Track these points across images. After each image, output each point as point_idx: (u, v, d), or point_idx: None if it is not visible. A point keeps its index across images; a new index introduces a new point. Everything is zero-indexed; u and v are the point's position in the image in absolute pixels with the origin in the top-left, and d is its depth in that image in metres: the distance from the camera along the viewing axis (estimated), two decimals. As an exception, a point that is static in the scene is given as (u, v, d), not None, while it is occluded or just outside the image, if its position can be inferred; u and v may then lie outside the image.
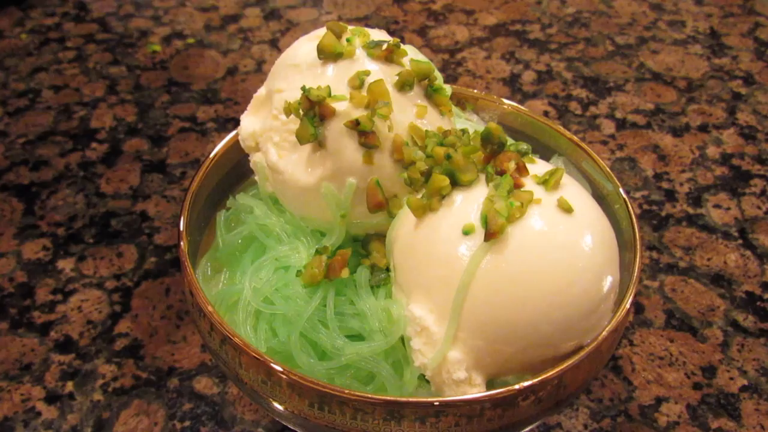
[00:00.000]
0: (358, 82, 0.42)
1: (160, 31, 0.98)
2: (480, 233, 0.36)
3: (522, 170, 0.39)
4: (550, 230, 0.36)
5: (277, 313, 0.41)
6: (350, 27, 0.46)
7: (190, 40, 0.97)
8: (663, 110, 0.85)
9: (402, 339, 0.40)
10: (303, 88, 0.41)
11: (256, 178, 0.47)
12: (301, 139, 0.42)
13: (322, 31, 0.46)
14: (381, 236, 0.43)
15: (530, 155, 0.41)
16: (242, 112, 0.48)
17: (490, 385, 0.39)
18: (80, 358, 0.57)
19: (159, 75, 0.90)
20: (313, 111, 0.41)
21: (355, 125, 0.40)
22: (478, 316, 0.36)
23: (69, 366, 0.57)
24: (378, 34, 0.47)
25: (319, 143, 0.42)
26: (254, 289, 0.42)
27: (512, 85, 0.89)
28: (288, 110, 0.42)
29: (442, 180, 0.38)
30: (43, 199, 0.72)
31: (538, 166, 0.41)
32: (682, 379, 0.57)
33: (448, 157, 0.38)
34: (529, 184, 0.38)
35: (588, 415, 0.54)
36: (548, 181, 0.38)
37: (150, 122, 0.82)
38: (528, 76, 0.91)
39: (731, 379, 0.57)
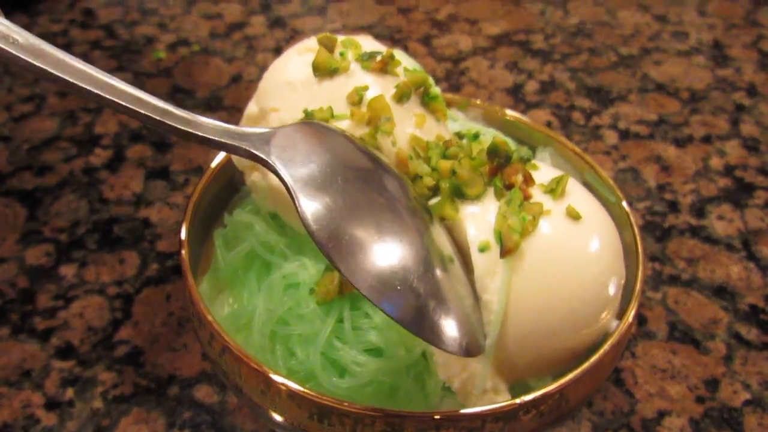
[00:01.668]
0: (357, 98, 0.42)
1: (165, 39, 0.99)
2: (496, 250, 0.36)
3: (529, 181, 0.39)
4: (563, 239, 0.38)
5: (294, 333, 0.41)
6: (340, 38, 0.46)
7: (195, 48, 0.97)
8: (666, 121, 0.85)
9: (423, 352, 0.40)
10: (305, 112, 0.41)
11: (254, 196, 0.47)
12: None
13: (309, 43, 0.46)
14: None
15: (532, 161, 0.42)
16: (246, 120, 0.48)
17: (511, 389, 0.39)
18: (81, 364, 0.57)
19: (163, 82, 0.90)
20: None
21: None
22: (502, 329, 0.37)
23: (69, 373, 0.56)
24: (367, 42, 0.47)
25: None
26: (268, 311, 0.42)
27: (515, 94, 0.89)
28: None
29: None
30: (47, 204, 0.72)
31: (542, 173, 0.41)
32: (685, 392, 0.56)
33: (454, 172, 0.39)
34: (536, 194, 0.39)
35: (590, 428, 0.53)
36: (555, 190, 0.39)
37: (154, 129, 0.82)
38: (531, 86, 0.91)
39: (734, 392, 0.56)
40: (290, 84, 0.43)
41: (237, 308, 0.44)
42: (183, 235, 0.44)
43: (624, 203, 0.47)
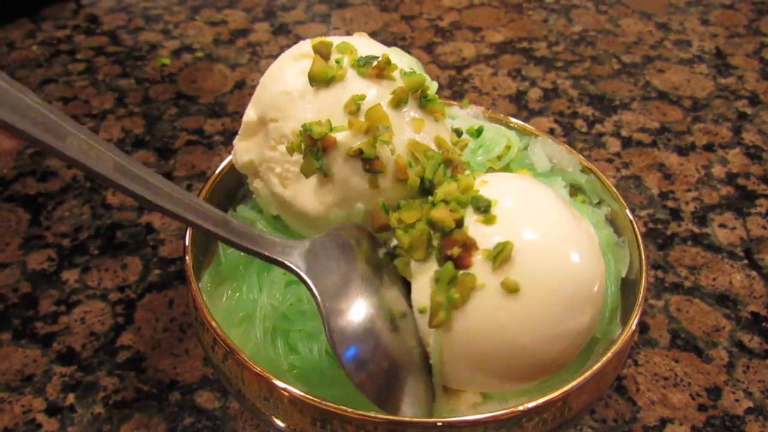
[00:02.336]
0: (354, 107, 0.42)
1: (169, 45, 0.99)
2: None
3: (471, 248, 0.38)
4: (492, 315, 0.37)
5: (295, 329, 0.41)
6: (335, 42, 0.45)
7: (199, 54, 0.98)
8: (668, 129, 0.85)
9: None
10: (304, 126, 0.41)
11: (258, 200, 0.47)
12: (307, 173, 0.42)
13: (304, 47, 0.46)
14: None
15: (490, 212, 0.39)
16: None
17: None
18: (82, 370, 0.57)
19: (167, 88, 0.91)
20: (316, 147, 0.41)
21: (358, 154, 0.40)
22: (444, 375, 0.40)
23: (71, 378, 0.56)
24: (363, 43, 0.47)
25: (324, 173, 0.42)
26: (272, 306, 0.42)
27: (518, 102, 0.89)
28: (291, 149, 0.42)
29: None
30: (50, 209, 0.72)
31: (498, 225, 0.39)
32: (687, 400, 0.56)
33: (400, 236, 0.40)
34: (476, 263, 0.38)
35: (592, 435, 0.53)
36: (496, 259, 0.37)
37: (157, 135, 0.83)
38: (534, 94, 0.91)
39: (736, 401, 0.56)
40: (287, 93, 0.43)
41: (235, 302, 0.44)
42: (187, 240, 0.44)
43: (626, 211, 0.48)
